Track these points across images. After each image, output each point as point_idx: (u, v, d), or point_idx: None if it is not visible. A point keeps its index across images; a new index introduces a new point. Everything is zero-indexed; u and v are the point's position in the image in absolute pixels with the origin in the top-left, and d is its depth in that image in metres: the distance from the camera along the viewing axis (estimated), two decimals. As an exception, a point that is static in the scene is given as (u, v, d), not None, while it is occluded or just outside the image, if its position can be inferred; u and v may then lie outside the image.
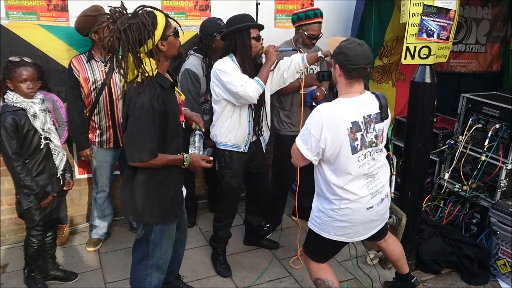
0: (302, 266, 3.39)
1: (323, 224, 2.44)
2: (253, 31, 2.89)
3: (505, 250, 3.19)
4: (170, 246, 2.55)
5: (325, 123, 2.22)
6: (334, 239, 2.45)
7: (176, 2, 3.77)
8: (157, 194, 2.33)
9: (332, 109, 2.27)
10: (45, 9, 3.34)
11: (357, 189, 2.34)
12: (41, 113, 2.75)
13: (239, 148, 3.05)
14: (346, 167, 2.28)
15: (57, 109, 3.29)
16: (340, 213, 2.36)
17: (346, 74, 2.28)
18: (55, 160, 2.87)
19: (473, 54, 4.95)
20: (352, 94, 2.31)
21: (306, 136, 2.29)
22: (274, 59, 2.95)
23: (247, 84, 2.79)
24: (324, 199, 2.43)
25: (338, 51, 2.28)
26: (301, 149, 2.31)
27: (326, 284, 2.57)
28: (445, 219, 3.60)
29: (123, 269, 3.30)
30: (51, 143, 2.83)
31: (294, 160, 2.43)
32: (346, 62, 2.24)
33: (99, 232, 3.64)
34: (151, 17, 2.11)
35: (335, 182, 2.32)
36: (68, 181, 3.01)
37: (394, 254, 2.88)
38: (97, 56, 3.26)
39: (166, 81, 2.27)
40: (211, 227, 3.33)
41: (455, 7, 2.88)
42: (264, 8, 4.05)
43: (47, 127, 2.80)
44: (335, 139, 2.23)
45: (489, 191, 3.40)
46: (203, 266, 3.38)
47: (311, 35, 3.45)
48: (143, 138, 2.17)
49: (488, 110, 3.43)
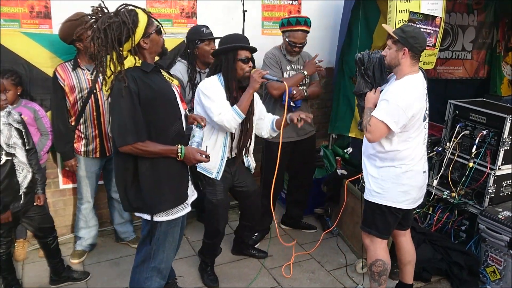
0: (291, 275, 3.35)
1: (386, 192, 2.62)
2: (242, 52, 2.82)
3: (494, 257, 3.18)
4: (173, 250, 2.51)
5: (412, 95, 2.48)
6: (397, 207, 2.63)
7: (162, 9, 3.74)
8: (159, 182, 2.29)
9: (413, 82, 2.53)
10: (28, 16, 3.28)
11: (418, 153, 2.63)
12: (5, 127, 2.64)
13: (211, 173, 2.95)
14: (417, 133, 2.58)
15: (39, 119, 3.22)
16: (404, 177, 2.59)
17: (413, 56, 2.51)
18: (18, 177, 2.73)
19: (459, 60, 4.99)
20: (416, 72, 2.57)
21: (393, 111, 2.45)
22: (257, 87, 2.81)
23: (224, 113, 2.73)
24: (385, 168, 2.63)
25: (408, 35, 2.47)
26: (389, 123, 2.46)
27: (385, 266, 2.74)
28: (434, 226, 3.58)
29: (108, 281, 3.23)
30: (15, 158, 2.70)
31: (374, 137, 2.52)
32: (417, 45, 2.48)
33: (84, 244, 3.56)
34: (132, 16, 2.12)
35: (401, 148, 2.57)
36: (38, 196, 2.89)
37: (406, 254, 2.90)
38: (83, 64, 3.20)
39: (148, 65, 2.25)
40: (199, 237, 3.28)
41: (441, 14, 2.90)
42: (251, 15, 4.04)
43: (12, 142, 2.68)
44: (418, 109, 2.50)
45: (477, 197, 3.39)
46: (190, 277, 3.32)
47: (292, 42, 3.43)
48: (125, 121, 2.14)
49: (475, 116, 3.43)
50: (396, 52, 2.52)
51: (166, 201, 2.33)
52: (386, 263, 2.75)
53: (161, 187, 2.30)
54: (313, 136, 3.81)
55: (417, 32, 2.53)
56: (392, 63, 2.57)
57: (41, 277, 3.24)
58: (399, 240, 2.91)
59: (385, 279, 2.77)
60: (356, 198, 3.69)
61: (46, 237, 3.02)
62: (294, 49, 3.47)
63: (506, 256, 3.10)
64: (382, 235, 2.73)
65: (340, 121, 4.40)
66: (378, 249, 2.75)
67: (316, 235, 3.92)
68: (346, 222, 3.84)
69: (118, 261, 3.51)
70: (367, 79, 2.73)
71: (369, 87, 2.74)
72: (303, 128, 3.56)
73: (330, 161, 4.32)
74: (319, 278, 3.35)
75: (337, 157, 4.24)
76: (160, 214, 2.33)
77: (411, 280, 2.97)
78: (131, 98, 2.14)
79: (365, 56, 2.74)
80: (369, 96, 2.68)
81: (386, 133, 2.52)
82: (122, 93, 2.12)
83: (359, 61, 2.76)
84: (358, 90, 2.79)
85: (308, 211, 4.21)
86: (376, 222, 2.71)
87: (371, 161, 2.71)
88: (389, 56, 2.57)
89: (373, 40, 4.10)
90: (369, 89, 2.73)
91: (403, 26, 2.58)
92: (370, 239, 2.78)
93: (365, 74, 2.73)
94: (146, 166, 2.25)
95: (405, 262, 2.92)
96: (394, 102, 2.46)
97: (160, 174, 2.29)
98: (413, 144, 2.60)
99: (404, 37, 2.48)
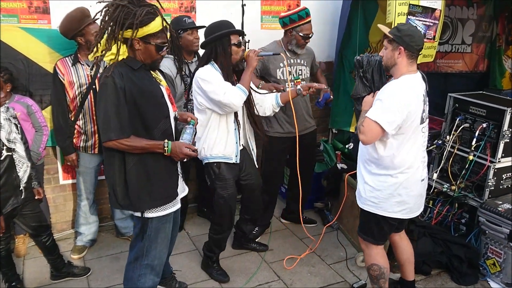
0: (293, 267, 3.36)
1: (381, 203, 2.55)
2: (233, 37, 2.83)
3: (494, 250, 3.18)
4: (166, 246, 2.51)
5: (408, 94, 2.39)
6: (392, 217, 2.58)
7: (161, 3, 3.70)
8: (147, 179, 2.28)
9: (410, 82, 2.45)
10: (26, 12, 3.27)
11: (415, 160, 2.52)
12: (5, 122, 2.65)
13: (230, 159, 2.97)
14: (413, 136, 2.48)
15: (32, 114, 3.20)
16: (401, 187, 2.51)
17: (409, 55, 2.44)
18: (19, 172, 2.73)
19: (459, 54, 4.98)
20: (413, 72, 2.48)
21: (387, 111, 2.36)
22: (255, 64, 2.90)
23: (230, 91, 2.74)
24: (380, 176, 2.54)
25: (403, 33, 2.41)
26: (382, 123, 2.35)
27: (381, 271, 2.71)
28: (434, 219, 3.59)
29: (108, 276, 3.24)
30: (15, 153, 2.71)
31: (368, 138, 2.40)
32: (412, 43, 2.40)
33: (84, 239, 3.56)
34: (144, 15, 2.12)
35: (396, 153, 2.47)
36: (37, 189, 2.90)
37: (404, 253, 2.89)
38: (83, 60, 3.20)
39: (136, 62, 2.25)
40: (199, 232, 3.29)
41: (440, 6, 2.89)
42: (250, 9, 4.03)
43: (13, 137, 2.69)
44: (414, 110, 2.41)
45: (477, 190, 3.39)
46: (190, 271, 3.33)
47: (306, 35, 3.44)
48: (109, 116, 2.14)
49: (475, 109, 3.43)
50: (392, 51, 2.46)
51: (155, 200, 2.33)
52: (382, 267, 2.71)
53: (148, 184, 2.29)
54: (314, 131, 3.81)
55: (413, 30, 2.46)
56: (388, 63, 2.50)
57: (42, 273, 3.25)
58: (394, 240, 2.89)
59: (384, 282, 2.74)
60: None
61: (40, 235, 2.99)
62: (306, 40, 3.48)
63: (506, 248, 3.10)
64: (377, 241, 2.69)
65: (341, 116, 4.40)
66: (373, 254, 2.72)
67: (316, 229, 3.93)
68: (346, 216, 3.84)
69: (119, 256, 3.51)
70: (366, 83, 2.66)
71: (367, 90, 2.66)
72: (304, 123, 3.57)
73: (330, 156, 4.32)
74: (319, 272, 3.36)
75: (337, 151, 4.25)
76: (150, 210, 2.33)
77: (413, 277, 2.97)
78: (117, 94, 2.14)
79: (364, 59, 2.68)
80: (367, 99, 2.59)
81: (380, 135, 2.40)
82: (107, 88, 2.13)
83: (358, 63, 2.69)
84: (356, 93, 2.71)
85: (308, 206, 4.22)
86: (371, 230, 2.67)
87: (366, 167, 2.63)
88: (385, 57, 2.51)
89: (369, 35, 4.10)
90: (367, 92, 2.65)
91: (398, 25, 2.51)
92: (365, 244, 2.74)
93: (364, 77, 2.66)
94: (133, 162, 2.25)
95: (403, 261, 2.92)
96: (388, 101, 2.37)
97: (147, 171, 2.28)
98: (410, 148, 2.49)
99: (399, 36, 2.41)
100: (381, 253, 2.74)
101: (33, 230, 2.96)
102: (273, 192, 3.79)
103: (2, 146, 2.62)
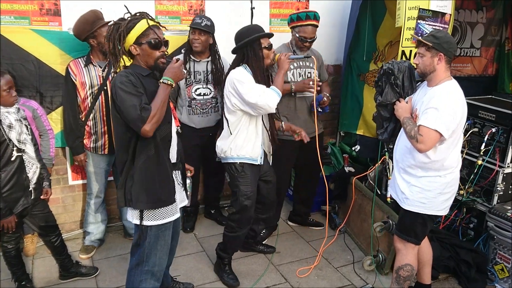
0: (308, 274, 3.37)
1: (430, 202, 2.61)
2: (263, 40, 2.87)
3: (503, 255, 3.17)
4: (166, 252, 2.53)
5: (459, 99, 2.51)
6: (438, 214, 2.67)
7: (171, 6, 3.75)
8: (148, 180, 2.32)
9: (456, 87, 2.55)
10: (38, 14, 3.30)
11: (459, 159, 2.66)
12: (16, 123, 2.67)
13: (256, 160, 3.01)
14: (458, 139, 2.57)
15: (38, 118, 3.19)
16: (448, 185, 2.60)
17: (447, 61, 2.53)
18: (28, 173, 2.76)
19: (468, 58, 4.95)
20: (450, 78, 2.58)
21: (445, 118, 2.43)
22: (287, 67, 2.97)
23: (265, 94, 2.78)
24: (429, 177, 2.60)
25: (441, 40, 2.49)
26: (442, 131, 2.42)
27: (412, 272, 2.76)
28: (442, 223, 3.58)
29: (116, 276, 3.26)
30: (25, 154, 2.73)
31: (427, 147, 2.46)
32: (451, 49, 2.51)
33: (93, 239, 3.59)
34: (129, 22, 2.22)
35: (447, 156, 2.55)
36: (46, 189, 2.92)
37: (425, 254, 2.89)
38: (95, 61, 3.23)
39: (144, 70, 2.30)
40: (206, 233, 3.29)
41: (450, 10, 2.89)
42: (259, 12, 4.04)
43: (23, 138, 2.71)
44: (465, 113, 2.54)
45: (486, 195, 3.38)
46: (198, 272, 3.34)
47: (302, 37, 3.43)
48: (129, 110, 2.16)
49: (484, 114, 3.42)
50: (431, 58, 2.51)
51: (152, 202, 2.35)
52: (414, 268, 2.75)
53: (149, 184, 2.33)
54: (321, 134, 3.81)
55: (449, 37, 2.56)
56: (427, 70, 2.55)
57: (50, 272, 3.28)
58: None
59: (409, 284, 2.78)
60: (363, 195, 3.69)
61: (49, 235, 3.02)
62: (305, 44, 3.46)
63: (514, 254, 3.09)
64: (418, 241, 2.73)
65: (348, 118, 4.40)
66: (410, 254, 2.74)
67: (323, 232, 3.93)
68: (353, 219, 3.84)
69: (127, 256, 3.49)
70: (396, 89, 2.69)
71: (396, 96, 2.70)
72: (311, 126, 3.57)
73: (337, 159, 4.32)
74: (326, 275, 3.36)
75: (345, 154, 4.24)
76: (149, 218, 2.37)
77: (429, 280, 2.97)
78: (132, 87, 2.18)
79: (394, 66, 2.70)
80: (402, 106, 2.64)
81: (438, 141, 2.48)
82: (122, 85, 2.17)
83: (388, 70, 2.71)
84: (385, 100, 2.71)
85: (315, 208, 4.22)
86: (415, 230, 2.70)
87: (410, 172, 2.66)
88: (422, 64, 2.55)
89: (377, 38, 4.09)
90: (396, 98, 2.69)
91: (433, 33, 2.57)
92: (403, 244, 2.75)
93: (395, 84, 2.68)
94: (142, 160, 2.29)
95: (424, 262, 2.92)
96: (443, 108, 2.43)
97: (152, 172, 2.32)
98: (457, 150, 2.60)
99: (438, 43, 2.48)
100: (416, 254, 2.79)
101: (42, 230, 2.99)
102: (281, 194, 3.79)
103: (12, 147, 2.64)
